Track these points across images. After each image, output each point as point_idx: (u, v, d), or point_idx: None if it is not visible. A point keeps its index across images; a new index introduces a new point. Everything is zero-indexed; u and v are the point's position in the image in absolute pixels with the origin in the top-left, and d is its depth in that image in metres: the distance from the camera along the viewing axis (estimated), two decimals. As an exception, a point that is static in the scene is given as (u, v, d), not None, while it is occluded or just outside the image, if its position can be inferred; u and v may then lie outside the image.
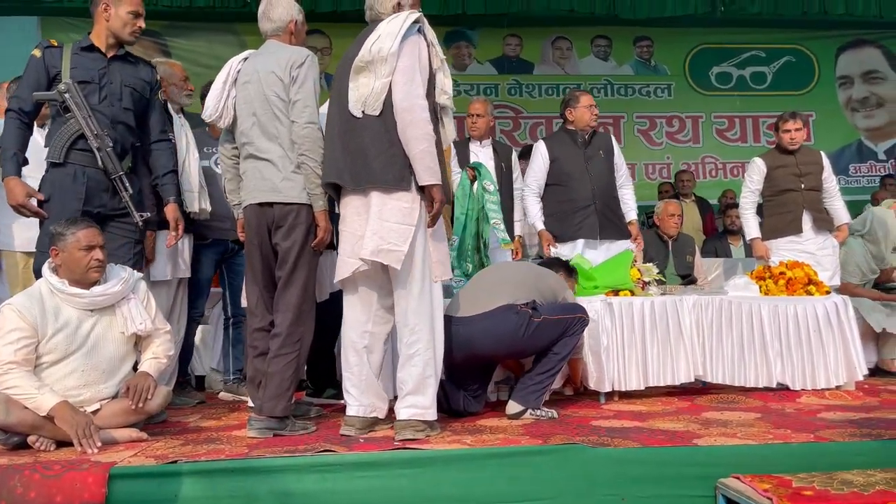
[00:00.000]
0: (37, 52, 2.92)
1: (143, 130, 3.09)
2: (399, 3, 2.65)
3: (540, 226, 4.13)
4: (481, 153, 4.47)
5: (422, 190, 2.53)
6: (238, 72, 2.79)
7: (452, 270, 3.88)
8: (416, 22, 2.56)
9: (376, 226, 2.50)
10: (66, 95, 2.83)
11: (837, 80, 7.28)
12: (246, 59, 2.82)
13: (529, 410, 2.87)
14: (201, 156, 3.55)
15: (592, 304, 3.35)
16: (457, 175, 4.18)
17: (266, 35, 2.85)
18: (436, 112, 2.62)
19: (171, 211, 3.09)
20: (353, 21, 6.59)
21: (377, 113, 2.52)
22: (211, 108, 2.77)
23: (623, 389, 3.33)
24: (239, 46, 6.52)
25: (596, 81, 7.06)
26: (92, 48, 2.96)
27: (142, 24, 3.03)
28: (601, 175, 4.11)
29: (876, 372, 4.16)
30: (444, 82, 2.62)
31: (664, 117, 7.10)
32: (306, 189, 2.65)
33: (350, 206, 2.62)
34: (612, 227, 4.08)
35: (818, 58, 7.20)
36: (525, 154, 5.02)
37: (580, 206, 4.05)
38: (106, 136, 2.87)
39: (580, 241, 4.06)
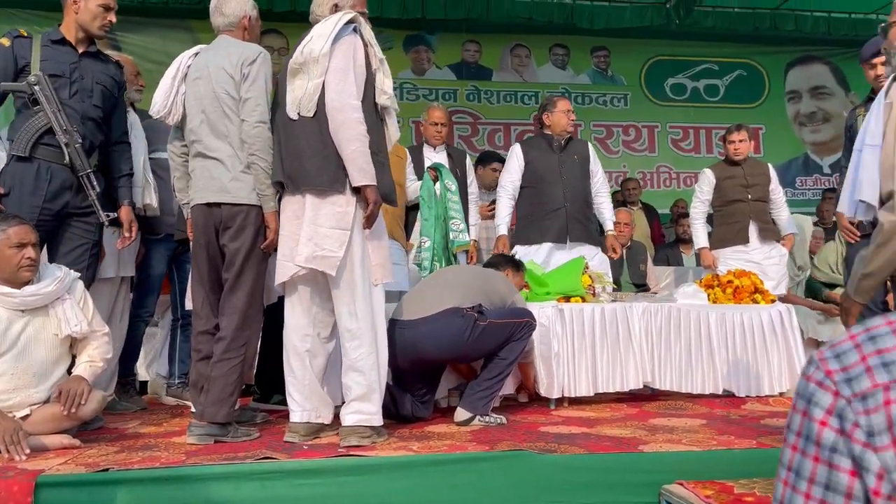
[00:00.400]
0: (5, 42, 2.82)
1: (108, 129, 3.02)
2: (336, 5, 2.62)
3: (503, 231, 4.14)
4: (436, 159, 4.46)
5: (358, 192, 2.50)
6: (188, 67, 2.72)
7: (427, 271, 3.89)
8: (350, 22, 2.54)
9: (311, 231, 2.48)
10: (36, 87, 2.74)
11: (786, 94, 7.47)
12: (197, 54, 2.75)
13: (478, 417, 2.85)
14: (160, 146, 3.44)
15: (544, 311, 3.35)
16: (412, 181, 4.17)
17: (218, 30, 2.78)
18: (378, 112, 2.61)
19: (125, 213, 3.01)
20: (305, 21, 6.56)
21: (311, 114, 2.50)
22: (159, 105, 2.70)
23: (573, 395, 3.34)
24: (192, 43, 6.31)
25: (554, 89, 7.11)
26: (63, 41, 2.88)
27: (112, 17, 2.96)
28: (574, 180, 4.12)
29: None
30: (384, 82, 2.61)
31: (620, 126, 7.19)
32: (256, 189, 2.60)
33: (288, 209, 2.58)
34: (582, 230, 4.08)
35: (768, 72, 7.39)
36: (482, 161, 5.02)
37: (550, 209, 4.05)
38: (75, 132, 2.79)
39: (546, 245, 4.07)
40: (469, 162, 4.59)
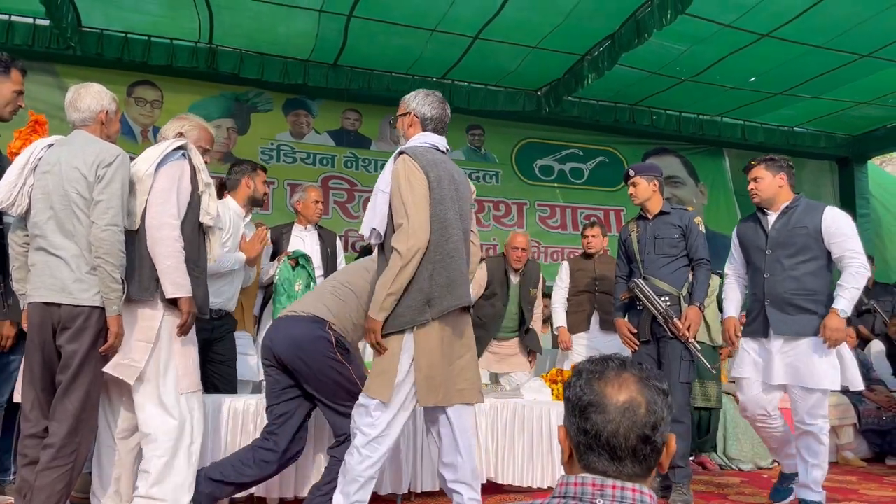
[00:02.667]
0: None
1: None
2: (181, 133, 2.93)
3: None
4: (307, 238, 4.51)
5: (174, 304, 2.70)
6: (39, 159, 2.66)
7: None
8: (180, 148, 2.79)
9: (126, 339, 2.66)
10: None
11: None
12: (51, 145, 2.70)
13: None
14: None
15: (395, 406, 3.43)
16: (271, 265, 4.21)
17: (74, 125, 2.74)
18: (202, 230, 2.88)
19: None
20: (186, 76, 6.48)
21: (135, 228, 2.70)
22: (2, 195, 2.61)
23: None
24: (58, 89, 6.13)
25: (430, 162, 7.36)
26: None
27: (22, 102, 2.98)
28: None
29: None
30: (209, 204, 2.87)
31: (492, 202, 7.51)
32: (101, 293, 2.55)
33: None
34: None
35: (627, 160, 7.98)
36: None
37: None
38: None
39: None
40: (339, 243, 4.69)
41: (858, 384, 3.40)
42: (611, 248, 5.27)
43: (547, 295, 5.31)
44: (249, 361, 3.91)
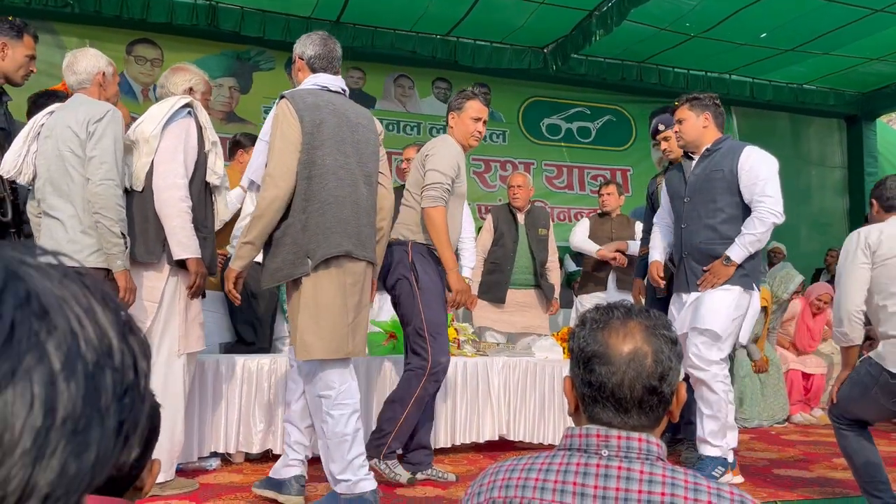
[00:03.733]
0: None
1: None
2: (191, 89, 2.87)
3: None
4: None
5: (181, 265, 2.69)
6: (42, 126, 2.66)
7: None
8: (186, 105, 2.75)
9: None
10: None
11: (651, 140, 8.01)
12: (52, 112, 2.70)
13: (375, 459, 2.93)
14: None
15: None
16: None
17: (72, 88, 2.75)
18: (208, 189, 2.85)
19: None
20: (186, 35, 6.36)
21: (140, 189, 2.67)
22: (9, 164, 2.63)
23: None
24: (57, 48, 6.02)
25: (436, 122, 7.27)
26: None
27: (34, 67, 2.93)
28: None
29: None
30: (216, 163, 2.83)
31: (498, 161, 7.44)
32: (102, 248, 2.55)
33: None
34: None
35: (635, 119, 7.89)
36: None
37: None
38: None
39: None
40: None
41: (745, 339, 3.22)
42: (624, 208, 5.24)
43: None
44: (214, 319, 3.81)
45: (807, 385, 5.35)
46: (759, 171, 3.11)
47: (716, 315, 3.06)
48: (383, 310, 4.08)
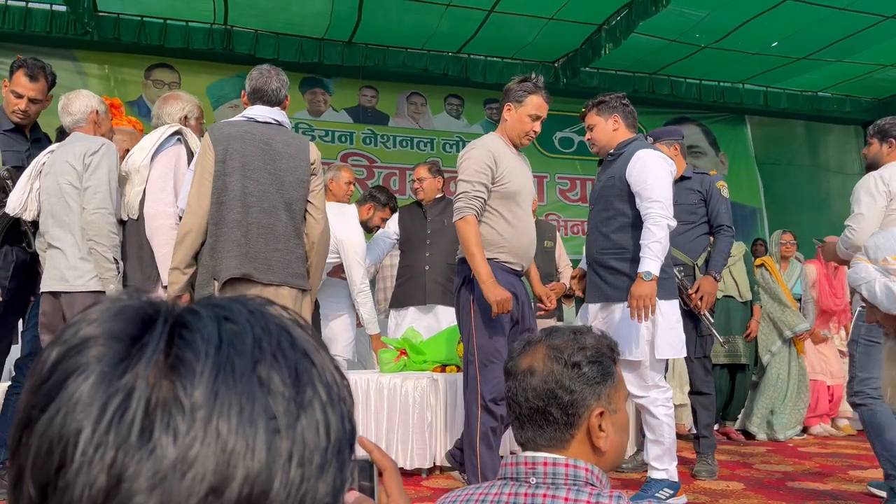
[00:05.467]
0: None
1: None
2: (185, 117, 2.95)
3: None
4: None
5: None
6: (43, 164, 2.81)
7: None
8: (175, 133, 2.83)
9: None
10: (9, 182, 2.84)
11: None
12: (52, 151, 2.85)
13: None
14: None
15: (419, 382, 3.48)
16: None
17: (69, 129, 2.91)
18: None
19: None
20: (202, 58, 6.50)
21: (135, 217, 2.77)
22: (14, 202, 2.78)
23: (444, 465, 3.47)
24: (77, 74, 6.20)
25: (449, 137, 7.33)
26: (15, 129, 3.02)
27: (22, 105, 3.01)
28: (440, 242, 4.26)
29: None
30: None
31: (510, 175, 7.47)
32: (97, 274, 2.66)
33: None
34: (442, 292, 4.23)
35: (647, 130, 7.88)
36: None
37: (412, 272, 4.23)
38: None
39: (410, 308, 4.29)
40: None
41: (676, 351, 3.01)
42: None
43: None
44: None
45: (829, 396, 5.29)
46: (645, 174, 2.93)
47: (626, 343, 2.89)
48: (400, 327, 4.11)
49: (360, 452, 0.83)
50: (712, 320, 3.60)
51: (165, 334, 0.38)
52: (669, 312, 3.00)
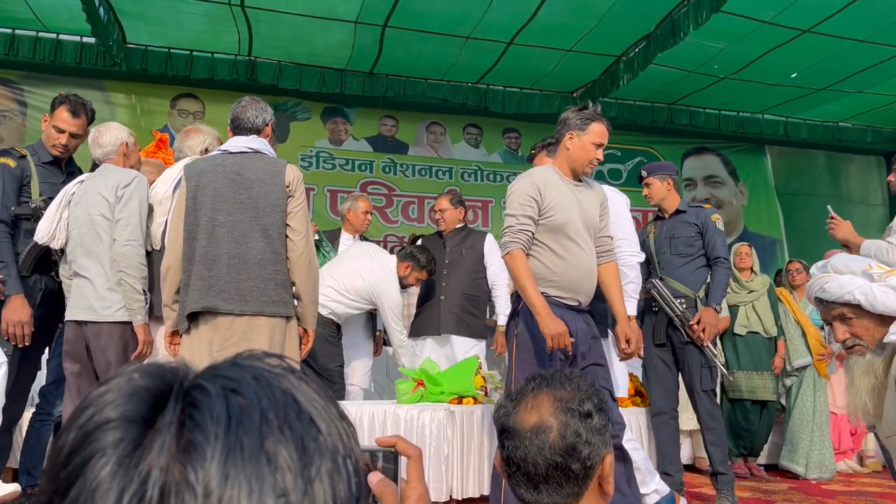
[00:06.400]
0: (11, 162, 2.96)
1: None
2: (206, 150, 3.00)
3: None
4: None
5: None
6: (73, 194, 2.87)
7: None
8: None
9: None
10: (44, 212, 2.90)
11: (683, 181, 8.00)
12: (82, 181, 2.91)
13: None
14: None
15: (436, 414, 3.47)
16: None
17: (98, 161, 2.98)
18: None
19: None
20: (226, 88, 6.62)
21: (158, 248, 2.83)
22: (43, 231, 2.82)
23: (460, 497, 3.45)
24: (105, 104, 6.34)
25: (467, 166, 7.38)
26: (52, 162, 3.09)
27: (63, 140, 3.07)
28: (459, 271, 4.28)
29: (689, 469, 4.54)
30: None
31: (529, 204, 7.48)
32: (126, 304, 2.70)
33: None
34: (457, 322, 4.24)
35: (666, 160, 7.88)
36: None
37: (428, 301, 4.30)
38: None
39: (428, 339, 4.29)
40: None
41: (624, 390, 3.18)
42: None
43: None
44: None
45: (853, 429, 5.18)
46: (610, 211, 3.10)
47: (616, 383, 3.09)
48: (418, 357, 4.12)
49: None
50: (715, 352, 3.66)
51: (177, 419, 0.40)
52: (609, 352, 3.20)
